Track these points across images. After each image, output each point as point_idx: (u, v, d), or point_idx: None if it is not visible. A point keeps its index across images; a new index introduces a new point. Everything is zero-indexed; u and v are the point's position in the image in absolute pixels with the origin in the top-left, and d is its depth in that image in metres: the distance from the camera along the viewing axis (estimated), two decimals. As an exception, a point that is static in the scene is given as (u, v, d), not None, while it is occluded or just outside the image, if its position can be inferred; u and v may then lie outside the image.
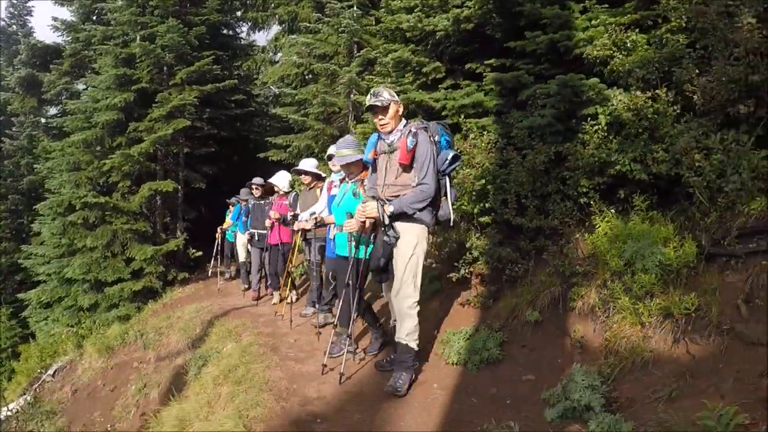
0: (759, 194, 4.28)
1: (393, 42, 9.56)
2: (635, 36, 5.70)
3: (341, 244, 6.08)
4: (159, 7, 14.37)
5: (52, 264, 14.86)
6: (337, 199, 6.24)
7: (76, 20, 18.41)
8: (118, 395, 10.37)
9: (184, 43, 13.98)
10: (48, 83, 18.86)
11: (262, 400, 5.42)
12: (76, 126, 14.70)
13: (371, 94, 5.28)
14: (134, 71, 14.06)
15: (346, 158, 5.90)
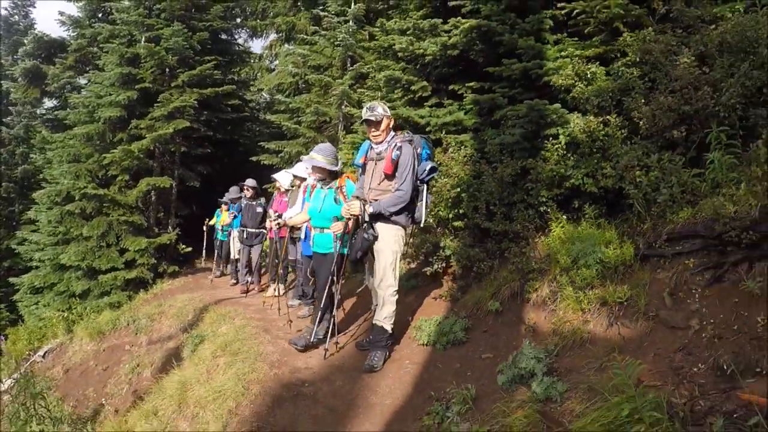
0: (686, 205, 5.14)
1: (385, 59, 10.47)
2: (595, 68, 6.68)
3: (319, 242, 6.85)
4: (166, 10, 15.21)
5: (47, 251, 15.56)
6: (317, 205, 6.77)
7: (82, 17, 19.21)
8: (111, 374, 10.85)
9: (188, 47, 14.81)
10: (52, 76, 19.54)
11: (257, 368, 6.28)
12: (79, 119, 15.45)
13: (367, 108, 6.11)
14: (138, 71, 14.83)
15: (314, 162, 6.69)
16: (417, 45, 8.78)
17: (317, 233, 6.83)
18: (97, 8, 19.11)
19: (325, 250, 6.71)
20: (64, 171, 15.12)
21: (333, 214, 6.56)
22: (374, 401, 5.38)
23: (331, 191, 6.70)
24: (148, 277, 14.59)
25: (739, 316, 4.00)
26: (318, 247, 6.86)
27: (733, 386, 3.48)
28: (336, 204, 6.58)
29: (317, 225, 6.79)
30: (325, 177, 6.76)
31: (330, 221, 6.58)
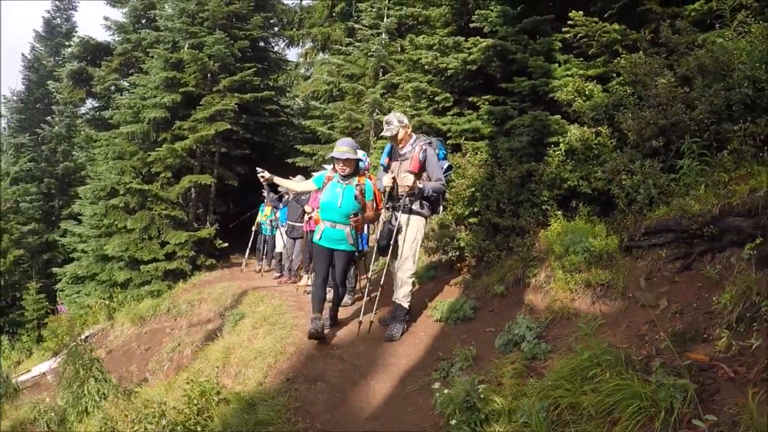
0: (662, 204, 6.21)
1: (414, 71, 11.68)
2: (592, 86, 7.89)
3: (331, 237, 7.10)
4: (208, 19, 16.47)
5: (90, 242, 16.85)
6: (335, 199, 6.99)
7: (127, 22, 20.63)
8: (153, 354, 11.93)
9: (229, 54, 16.08)
10: (98, 78, 20.95)
11: (292, 334, 7.55)
12: (124, 119, 16.76)
13: (385, 123, 7.23)
14: (182, 75, 16.10)
15: (346, 155, 6.94)
16: (441, 60, 9.99)
17: (328, 227, 7.07)
18: (141, 14, 20.58)
19: (339, 246, 7.09)
20: (110, 167, 16.36)
21: (352, 210, 6.96)
22: (391, 362, 6.50)
23: (351, 188, 7.02)
24: (186, 269, 15.73)
25: (700, 297, 4.97)
26: (329, 242, 7.11)
27: (684, 349, 4.53)
28: (356, 201, 6.98)
29: (331, 219, 7.04)
30: (352, 171, 7.06)
31: (347, 218, 6.95)
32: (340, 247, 7.12)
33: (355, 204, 6.97)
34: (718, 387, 3.76)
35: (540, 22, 9.26)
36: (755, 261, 4.51)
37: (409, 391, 5.79)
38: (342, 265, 7.24)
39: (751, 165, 5.70)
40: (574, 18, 8.24)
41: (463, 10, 10.92)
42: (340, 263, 7.23)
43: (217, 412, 5.63)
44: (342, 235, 7.05)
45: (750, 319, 4.12)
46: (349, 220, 6.98)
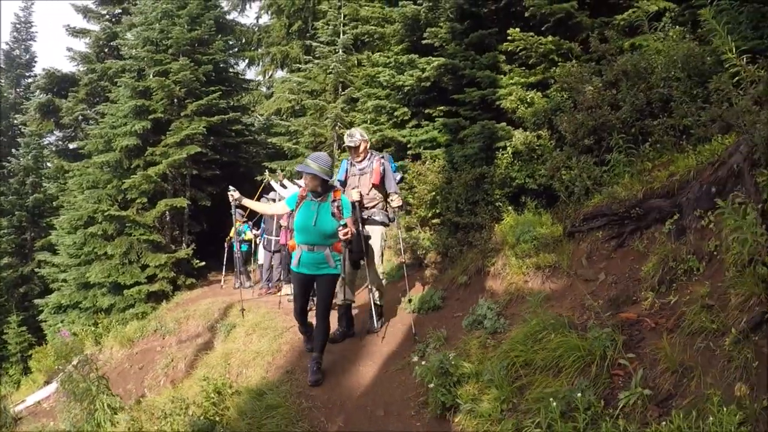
0: (596, 193, 7.34)
1: (372, 87, 12.83)
2: (533, 94, 9.08)
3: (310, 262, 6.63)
4: (172, 46, 17.44)
5: (71, 271, 17.60)
6: (310, 219, 6.46)
7: (90, 52, 21.55)
8: (147, 371, 12.39)
9: (194, 79, 17.08)
10: (66, 109, 21.80)
11: (285, 336, 8.59)
12: (96, 149, 17.66)
13: (348, 136, 7.76)
14: (150, 102, 17.00)
15: (308, 169, 6.45)
16: (398, 78, 11.16)
17: (305, 251, 6.59)
18: (104, 44, 21.54)
19: (320, 271, 6.57)
20: (86, 197, 17.16)
21: (330, 230, 6.42)
22: (375, 350, 7.55)
23: (327, 205, 6.51)
24: (168, 290, 16.58)
25: (632, 268, 6.07)
26: (309, 268, 6.63)
27: (618, 311, 5.62)
28: (334, 219, 6.41)
29: (307, 241, 6.55)
30: (318, 189, 6.56)
31: (326, 238, 6.47)
32: (322, 272, 6.58)
33: (333, 222, 6.37)
34: (643, 336, 4.85)
35: (485, 36, 10.45)
36: (673, 233, 5.67)
37: (393, 371, 6.82)
38: (325, 292, 6.68)
39: (671, 153, 6.90)
40: (513, 34, 9.43)
41: (415, 26, 12.09)
42: (323, 290, 6.70)
43: (232, 402, 6.54)
44: (321, 257, 6.52)
45: (669, 281, 5.22)
46: (328, 241, 6.49)
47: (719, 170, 5.34)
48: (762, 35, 7.04)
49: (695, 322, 4.35)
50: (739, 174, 4.94)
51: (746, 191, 4.68)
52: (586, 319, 5.60)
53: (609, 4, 9.69)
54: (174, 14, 17.87)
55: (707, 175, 5.54)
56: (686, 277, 5.08)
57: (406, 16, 11.96)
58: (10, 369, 19.41)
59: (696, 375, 3.99)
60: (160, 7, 17.90)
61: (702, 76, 6.97)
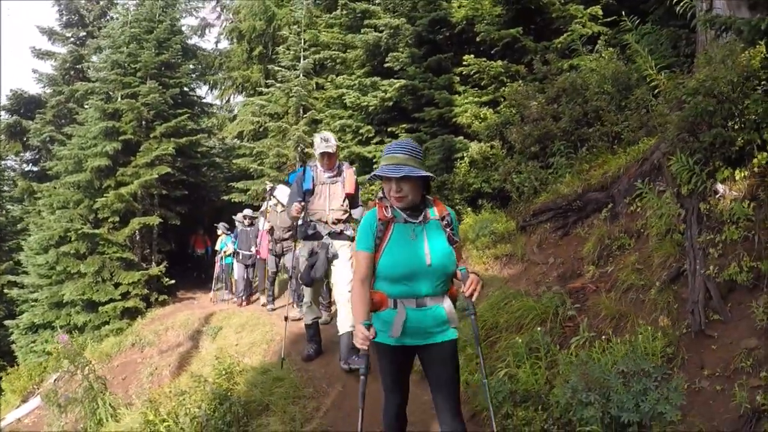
0: (543, 192, 8.77)
1: (334, 107, 14.20)
2: (486, 111, 10.66)
3: (429, 323, 3.85)
4: (141, 69, 18.42)
5: (43, 290, 18.17)
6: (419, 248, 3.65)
7: (57, 75, 22.45)
8: (130, 381, 12.76)
9: (163, 101, 18.06)
10: (34, 131, 22.64)
11: (274, 330, 9.76)
12: (66, 169, 18.45)
13: (322, 140, 6.93)
14: (120, 124, 17.86)
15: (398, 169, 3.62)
16: (362, 99, 12.53)
17: (412, 309, 3.78)
18: (71, 67, 22.44)
19: (437, 338, 3.84)
20: (58, 216, 17.84)
21: (451, 266, 3.83)
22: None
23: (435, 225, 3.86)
24: (141, 306, 17.23)
25: (576, 251, 7.36)
26: (417, 335, 3.82)
27: (565, 283, 6.93)
28: (449, 247, 3.84)
29: (415, 292, 3.76)
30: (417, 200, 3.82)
31: (445, 282, 3.84)
32: (441, 338, 3.86)
33: (450, 253, 3.83)
34: (587, 297, 6.26)
35: (442, 60, 11.92)
36: (608, 219, 7.14)
37: None
38: (453, 370, 3.92)
39: (605, 155, 8.43)
40: (467, 60, 10.91)
41: (376, 51, 13.47)
42: (448, 368, 3.90)
43: (240, 379, 7.54)
44: (441, 314, 3.82)
45: (606, 256, 6.67)
46: (446, 285, 3.88)
47: (643, 165, 6.87)
48: (678, 53, 8.65)
49: (627, 281, 5.80)
50: (659, 167, 6.44)
51: (664, 180, 6.16)
52: (541, 291, 6.90)
53: (551, 29, 11.35)
54: (142, 38, 18.82)
55: (634, 170, 7.06)
56: (620, 252, 6.51)
57: (368, 43, 13.35)
58: None
59: (630, 319, 5.38)
60: (128, 31, 18.86)
61: (628, 89, 8.52)
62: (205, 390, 7.03)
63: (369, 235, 3.88)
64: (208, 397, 6.85)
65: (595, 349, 5.08)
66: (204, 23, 26.68)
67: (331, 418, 6.14)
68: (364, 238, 3.89)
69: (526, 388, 5.22)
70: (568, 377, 4.75)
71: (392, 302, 3.82)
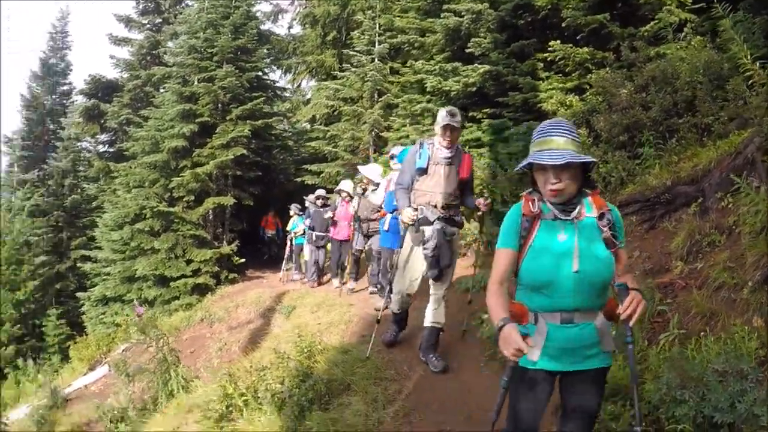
0: (630, 183, 8.55)
1: (411, 92, 14.11)
2: (572, 98, 10.32)
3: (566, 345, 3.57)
4: (217, 53, 18.73)
5: (116, 265, 18.78)
6: (571, 258, 3.09)
7: (134, 60, 23.07)
8: (198, 355, 12.84)
9: (239, 85, 18.36)
10: (111, 113, 23.31)
11: (351, 311, 9.78)
12: (143, 150, 18.94)
13: (448, 113, 6.19)
14: (196, 107, 18.26)
15: (562, 153, 3.02)
16: (444, 84, 12.40)
17: (557, 325, 3.23)
18: (147, 52, 23.00)
19: (585, 364, 3.29)
20: (134, 195, 18.37)
21: (608, 275, 3.23)
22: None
23: (590, 224, 3.25)
24: (211, 284, 17.63)
25: (663, 245, 7.13)
26: (561, 358, 3.27)
27: (653, 278, 6.77)
28: (608, 251, 3.22)
29: (562, 305, 3.21)
30: (574, 190, 3.22)
31: (598, 295, 3.26)
32: (588, 364, 3.31)
33: (608, 259, 3.22)
34: (676, 294, 6.04)
35: (524, 46, 11.76)
36: (698, 214, 6.87)
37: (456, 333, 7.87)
38: (595, 404, 3.42)
39: (694, 147, 8.15)
40: (553, 46, 10.72)
41: (456, 36, 13.36)
42: (589, 401, 3.39)
43: (321, 358, 7.57)
44: (592, 334, 3.28)
45: (695, 252, 6.41)
46: (600, 299, 3.30)
47: (736, 159, 6.60)
48: (772, 43, 8.36)
49: (718, 279, 5.54)
50: (753, 162, 6.19)
51: (758, 175, 5.93)
52: (630, 288, 6.77)
53: (637, 15, 11.06)
54: (218, 24, 19.08)
55: (726, 164, 6.80)
56: (710, 248, 6.24)
57: (448, 27, 13.25)
58: (52, 358, 20.23)
59: (721, 318, 5.15)
60: (205, 16, 19.16)
61: (721, 79, 8.23)
62: (288, 366, 7.09)
63: (513, 231, 3.32)
64: (291, 373, 6.89)
65: (691, 346, 4.90)
66: (277, 9, 26.85)
67: (413, 401, 6.11)
68: (508, 235, 3.34)
69: (615, 382, 4.93)
70: (660, 373, 4.61)
71: (533, 316, 3.26)
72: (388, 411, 5.94)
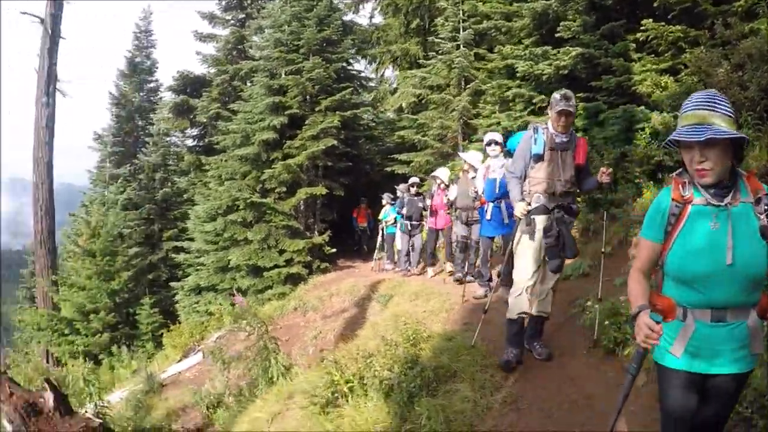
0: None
1: (499, 78, 14.23)
2: (666, 79, 10.34)
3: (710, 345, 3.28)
4: (304, 46, 19.13)
5: (209, 256, 19.53)
6: (720, 251, 2.82)
7: (220, 55, 23.95)
8: (294, 343, 13.27)
9: (326, 76, 18.74)
10: (201, 108, 24.17)
11: (451, 300, 9.95)
12: (234, 143, 19.55)
13: (562, 97, 5.96)
14: (285, 99, 18.69)
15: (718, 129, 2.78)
16: (535, 68, 12.49)
17: (706, 323, 3.01)
18: (233, 47, 23.69)
19: (731, 366, 3.01)
20: (227, 187, 18.99)
21: (763, 268, 2.91)
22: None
23: (746, 212, 2.95)
24: (303, 273, 18.03)
25: None
26: (709, 358, 3.02)
27: None
28: (764, 242, 2.91)
29: (712, 301, 2.97)
30: (725, 171, 2.97)
31: (752, 290, 2.96)
32: (733, 368, 3.03)
33: (765, 250, 2.91)
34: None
35: (614, 27, 11.76)
36: None
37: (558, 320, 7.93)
38: (728, 410, 3.29)
39: None
40: (646, 24, 10.72)
41: (543, 20, 13.43)
42: (724, 407, 3.24)
43: (425, 345, 7.73)
44: (744, 334, 3.00)
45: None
46: (754, 295, 3.00)
47: None
48: None
49: None
50: None
51: None
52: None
53: (729, -9, 10.90)
54: (302, 16, 19.44)
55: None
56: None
57: (535, 11, 13.31)
58: (146, 345, 20.92)
59: None
60: (289, 10, 19.59)
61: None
62: (396, 354, 7.19)
63: (657, 220, 3.09)
64: (399, 360, 6.99)
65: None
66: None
67: (520, 388, 6.16)
68: (651, 224, 3.14)
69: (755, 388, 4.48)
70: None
71: (681, 312, 3.03)
72: (495, 397, 6.03)
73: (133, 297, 23.08)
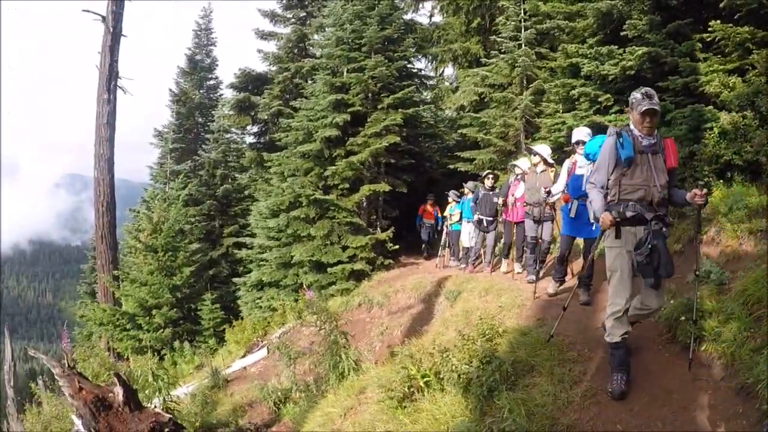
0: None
1: (563, 77, 14.55)
2: (734, 79, 10.60)
3: None
4: (366, 44, 19.55)
5: (272, 251, 20.09)
6: None
7: (281, 53, 24.69)
8: (360, 339, 13.38)
9: (389, 74, 19.12)
10: (263, 105, 24.85)
11: (522, 295, 10.22)
12: (296, 140, 20.04)
13: (645, 95, 5.76)
14: (348, 96, 19.11)
15: None
16: (601, 68, 12.80)
17: None
18: (294, 45, 24.37)
19: None
20: (290, 183, 19.42)
21: None
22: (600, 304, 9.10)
23: None
24: (367, 269, 18.37)
25: None
26: None
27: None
28: None
29: None
30: None
31: None
32: None
33: None
34: None
35: (681, 26, 12.03)
36: None
37: None
38: None
39: None
40: (713, 26, 10.99)
41: (607, 20, 13.71)
42: None
43: (500, 340, 7.94)
44: None
45: None
46: None
47: None
48: None
49: None
50: None
51: None
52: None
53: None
54: (364, 15, 19.85)
55: None
56: None
57: (599, 11, 13.59)
58: (208, 340, 21.48)
59: None
60: (351, 8, 20.00)
61: None
62: (473, 348, 7.36)
63: None
64: (477, 355, 7.15)
65: None
66: (419, -2, 27.59)
67: (599, 381, 6.32)
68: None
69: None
70: None
71: None
72: (575, 391, 6.25)
73: (194, 293, 23.68)
